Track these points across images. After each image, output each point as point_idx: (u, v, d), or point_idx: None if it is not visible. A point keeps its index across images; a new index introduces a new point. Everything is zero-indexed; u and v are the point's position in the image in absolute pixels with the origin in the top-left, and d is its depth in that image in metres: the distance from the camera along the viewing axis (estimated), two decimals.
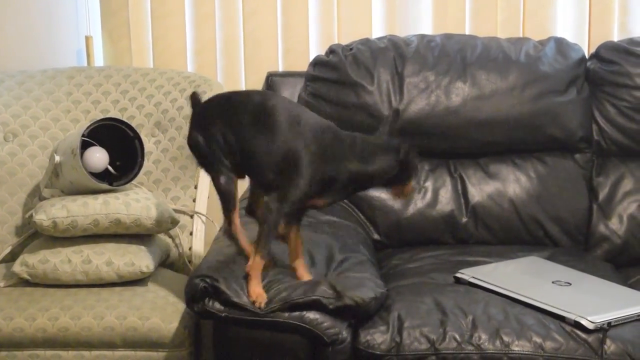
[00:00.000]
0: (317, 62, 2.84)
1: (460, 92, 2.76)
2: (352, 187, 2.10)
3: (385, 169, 2.05)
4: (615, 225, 2.75)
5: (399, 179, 2.08)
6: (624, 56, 2.81)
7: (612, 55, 2.83)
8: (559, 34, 3.04)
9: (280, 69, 3.12)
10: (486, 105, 2.75)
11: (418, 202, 2.76)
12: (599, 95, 2.83)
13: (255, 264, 2.07)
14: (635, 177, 2.80)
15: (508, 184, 2.78)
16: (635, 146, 2.81)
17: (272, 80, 2.97)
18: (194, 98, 2.18)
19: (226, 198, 2.12)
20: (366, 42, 2.86)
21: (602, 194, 2.79)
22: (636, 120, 2.78)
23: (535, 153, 2.81)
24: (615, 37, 3.05)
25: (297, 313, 2.07)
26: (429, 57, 2.80)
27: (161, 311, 2.36)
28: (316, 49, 3.10)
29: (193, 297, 2.10)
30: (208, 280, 2.08)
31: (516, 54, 2.80)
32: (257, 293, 2.06)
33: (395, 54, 2.80)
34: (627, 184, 2.80)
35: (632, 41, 2.87)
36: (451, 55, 2.80)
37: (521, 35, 3.07)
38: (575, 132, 2.79)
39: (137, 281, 2.47)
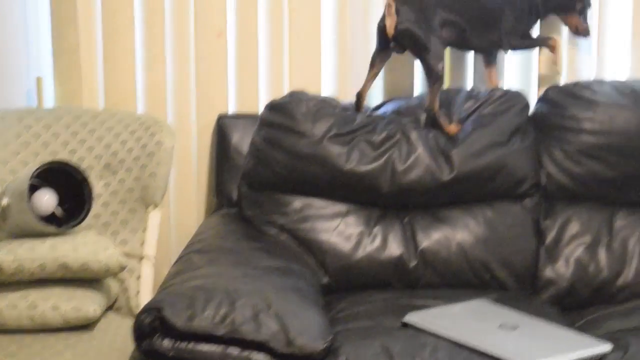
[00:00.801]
0: (272, 107, 2.83)
1: (411, 152, 2.79)
2: None
3: None
4: (562, 269, 2.77)
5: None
6: (570, 100, 2.85)
7: (558, 99, 2.87)
8: (507, 77, 3.09)
9: (231, 111, 3.12)
10: (436, 165, 2.79)
11: (367, 247, 2.76)
12: (546, 139, 2.86)
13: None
14: (582, 220, 2.83)
15: (457, 228, 2.80)
16: (581, 190, 2.84)
17: (223, 123, 2.98)
18: None
19: None
20: (327, 98, 2.91)
21: (549, 238, 2.82)
22: (583, 164, 2.82)
23: (486, 200, 2.84)
24: (563, 80, 3.09)
25: (245, 353, 2.07)
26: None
27: (106, 357, 2.34)
28: (266, 92, 3.11)
29: (140, 334, 2.08)
30: (153, 312, 2.07)
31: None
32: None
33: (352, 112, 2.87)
34: (573, 227, 2.83)
35: (578, 84, 2.91)
36: (404, 115, 2.88)
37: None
38: (523, 179, 2.82)
39: (83, 326, 2.44)
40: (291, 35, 3.08)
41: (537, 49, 3.08)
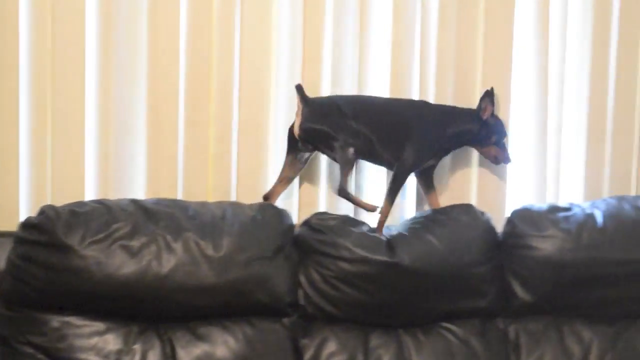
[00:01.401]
0: (26, 224, 2.79)
1: (171, 258, 2.78)
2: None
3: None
4: None
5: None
6: (332, 227, 2.96)
7: (321, 225, 2.96)
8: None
9: None
10: (197, 271, 2.78)
11: None
12: (306, 262, 2.93)
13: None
14: (339, 339, 2.91)
15: (216, 346, 2.80)
16: (337, 312, 2.93)
17: None
18: None
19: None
20: (79, 204, 2.85)
21: (307, 356, 2.88)
22: (339, 289, 2.90)
23: (245, 316, 2.86)
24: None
25: None
26: (140, 221, 2.82)
27: None
28: (27, 209, 3.05)
29: None
30: None
31: (227, 219, 2.88)
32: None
33: (108, 217, 2.80)
34: (331, 346, 2.90)
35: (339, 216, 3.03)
36: (164, 220, 2.84)
37: (234, 199, 3.14)
38: (282, 297, 2.88)
39: None
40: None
41: None
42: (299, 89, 2.98)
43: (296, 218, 3.14)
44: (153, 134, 3.11)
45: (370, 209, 3.02)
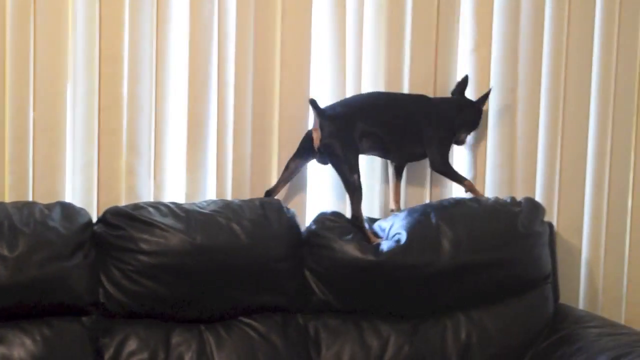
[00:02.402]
0: None
1: None
2: None
3: None
4: None
5: None
6: (128, 221, 2.93)
7: (117, 220, 2.94)
8: (68, 198, 3.12)
9: None
10: None
11: None
12: (105, 259, 2.92)
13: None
14: (140, 337, 2.90)
15: (13, 348, 2.74)
16: (139, 308, 2.92)
17: None
18: None
19: None
20: None
21: (108, 355, 2.86)
22: (140, 283, 2.90)
23: (43, 317, 2.82)
24: (123, 202, 3.16)
25: None
26: None
27: None
28: None
29: None
30: None
31: (22, 219, 2.84)
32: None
33: None
34: (132, 344, 2.89)
35: (136, 206, 3.00)
36: None
37: (30, 199, 3.08)
38: (82, 296, 2.85)
39: None
40: None
41: None
42: (313, 103, 3.16)
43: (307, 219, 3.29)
44: None
45: (373, 241, 3.13)
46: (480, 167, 3.54)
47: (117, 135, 3.15)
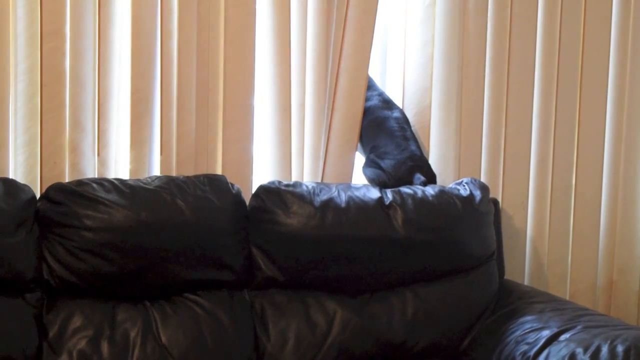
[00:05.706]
0: None
1: None
2: None
3: None
4: None
5: None
6: (71, 197, 2.92)
7: (60, 196, 2.93)
8: (11, 174, 3.09)
9: None
10: None
11: None
12: (49, 235, 2.90)
13: None
14: (85, 314, 2.89)
15: None
16: (84, 285, 2.91)
17: None
18: None
19: None
20: None
21: (52, 332, 2.85)
22: (84, 259, 2.89)
23: None
24: (67, 178, 3.14)
25: None
26: None
27: None
28: None
29: None
30: None
31: None
32: None
33: None
34: (76, 321, 2.88)
35: (80, 182, 2.98)
36: None
37: None
38: (25, 272, 2.83)
39: None
40: None
41: None
42: None
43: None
44: None
45: None
46: (425, 143, 3.56)
47: (60, 111, 3.13)
